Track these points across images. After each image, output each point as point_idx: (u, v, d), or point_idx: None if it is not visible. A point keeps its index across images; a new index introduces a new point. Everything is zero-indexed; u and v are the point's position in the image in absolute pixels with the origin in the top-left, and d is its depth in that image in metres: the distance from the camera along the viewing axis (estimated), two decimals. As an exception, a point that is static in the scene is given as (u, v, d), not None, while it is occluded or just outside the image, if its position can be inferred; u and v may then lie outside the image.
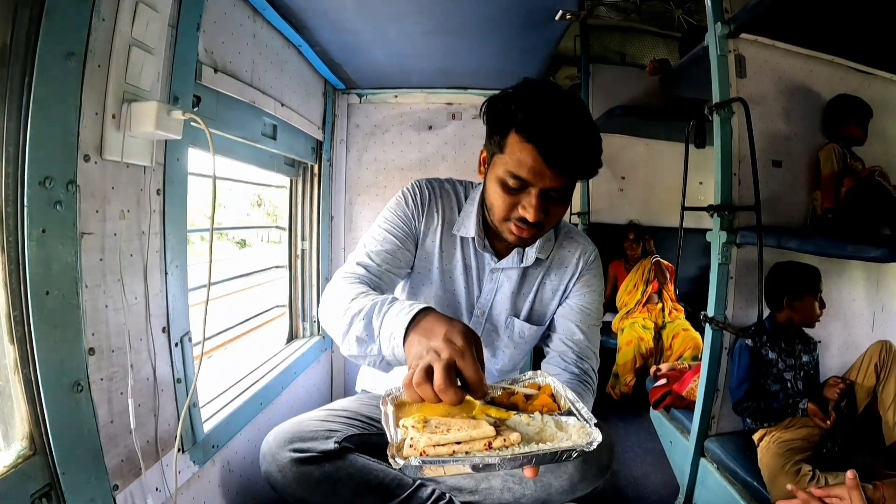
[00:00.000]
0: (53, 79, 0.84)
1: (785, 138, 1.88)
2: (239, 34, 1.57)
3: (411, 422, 0.81)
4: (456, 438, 0.76)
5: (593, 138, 1.03)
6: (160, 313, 1.15)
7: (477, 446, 0.76)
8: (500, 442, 0.77)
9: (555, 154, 0.98)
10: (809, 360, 1.84)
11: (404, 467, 0.73)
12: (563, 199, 1.07)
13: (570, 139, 0.98)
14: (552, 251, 1.29)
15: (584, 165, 1.03)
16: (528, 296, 1.29)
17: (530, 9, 1.78)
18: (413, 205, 1.25)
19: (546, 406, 0.90)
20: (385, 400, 0.88)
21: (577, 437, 0.79)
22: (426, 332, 0.82)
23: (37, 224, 0.82)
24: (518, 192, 1.04)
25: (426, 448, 0.75)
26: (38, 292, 0.83)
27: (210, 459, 1.38)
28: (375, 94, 2.72)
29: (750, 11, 1.67)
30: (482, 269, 1.27)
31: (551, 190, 1.02)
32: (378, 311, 0.90)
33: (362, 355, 0.94)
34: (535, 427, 0.82)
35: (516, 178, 1.02)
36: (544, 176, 1.00)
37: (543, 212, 1.03)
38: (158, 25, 1.07)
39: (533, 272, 1.28)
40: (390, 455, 0.75)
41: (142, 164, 1.07)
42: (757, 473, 1.63)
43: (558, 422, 0.84)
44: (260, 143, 1.80)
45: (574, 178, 1.04)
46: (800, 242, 1.60)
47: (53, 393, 0.85)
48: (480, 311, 1.29)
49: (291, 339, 2.47)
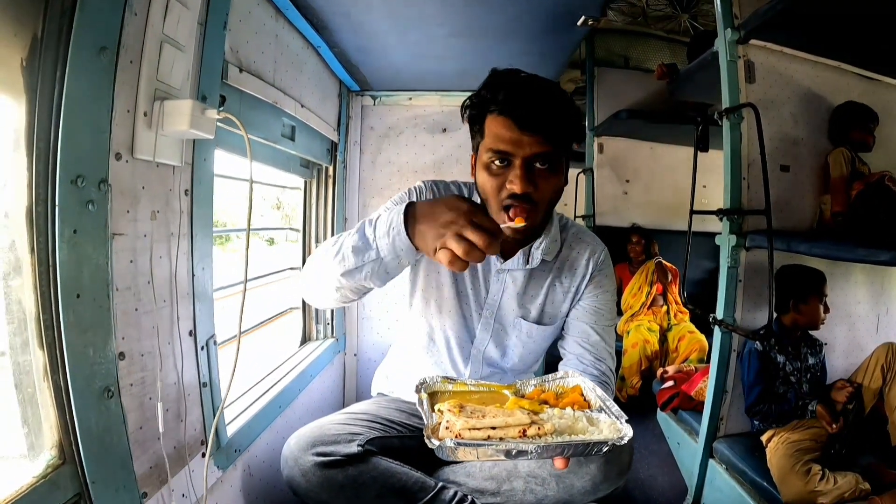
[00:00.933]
0: (86, 73, 0.81)
1: (792, 143, 1.91)
2: (262, 34, 1.55)
3: (447, 406, 0.84)
4: (491, 424, 0.79)
5: (565, 100, 1.07)
6: (187, 316, 1.12)
7: (511, 433, 0.79)
8: (534, 430, 0.80)
9: (527, 117, 1.01)
10: (816, 363, 1.87)
11: (439, 448, 0.76)
12: (551, 170, 1.07)
13: (540, 102, 1.02)
14: (560, 253, 1.29)
15: (560, 126, 1.04)
16: (538, 298, 1.29)
17: (554, 13, 1.77)
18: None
19: (577, 403, 0.94)
20: (419, 387, 0.95)
21: (609, 431, 0.83)
22: (429, 217, 0.87)
23: (68, 224, 0.79)
24: (503, 169, 1.06)
25: (462, 431, 0.78)
26: (69, 295, 0.80)
27: (232, 464, 1.35)
28: (390, 95, 2.70)
29: (760, 18, 1.69)
30: (487, 269, 1.28)
31: (535, 159, 1.04)
32: (368, 223, 0.96)
33: (359, 265, 0.94)
34: (568, 421, 0.85)
35: (497, 152, 1.04)
36: (522, 143, 1.02)
37: (530, 182, 1.04)
38: (189, 22, 1.05)
39: (541, 274, 1.28)
40: (426, 436, 0.79)
41: (171, 164, 1.04)
42: (766, 474, 1.67)
43: (590, 417, 0.88)
44: (280, 145, 1.78)
45: (554, 142, 1.04)
46: (809, 246, 1.62)
47: (84, 400, 0.82)
48: (489, 311, 1.30)
49: (305, 342, 2.45)
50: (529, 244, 1.25)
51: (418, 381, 0.97)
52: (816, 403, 1.72)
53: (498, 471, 1.21)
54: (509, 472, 1.21)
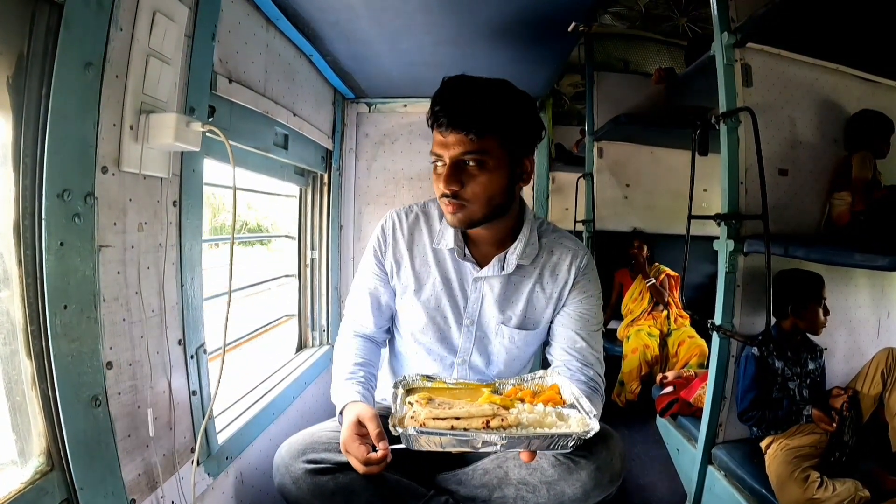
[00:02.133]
0: (71, 89, 0.83)
1: (791, 146, 1.88)
2: (252, 44, 1.57)
3: (416, 398, 0.88)
4: (455, 414, 0.82)
5: (496, 96, 1.09)
6: (176, 325, 1.14)
7: (475, 423, 0.81)
8: (497, 422, 0.82)
9: (446, 113, 1.05)
10: (815, 368, 1.84)
11: (402, 435, 0.79)
12: (482, 167, 1.09)
13: (459, 94, 1.06)
14: (538, 257, 1.28)
15: (487, 123, 1.06)
16: (519, 303, 1.28)
17: (543, 20, 1.78)
18: (381, 247, 1.33)
19: (552, 400, 0.96)
20: (397, 384, 0.98)
21: (576, 426, 0.84)
22: None
23: (55, 237, 0.81)
24: (442, 170, 1.11)
25: (426, 420, 0.81)
26: (56, 306, 0.82)
27: (224, 471, 1.36)
28: (385, 103, 2.72)
29: (756, 21, 1.67)
30: (464, 279, 1.28)
31: (463, 158, 1.08)
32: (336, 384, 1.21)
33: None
34: (537, 416, 0.87)
35: (433, 154, 1.12)
36: (447, 144, 1.07)
37: (456, 182, 1.09)
38: (175, 35, 1.07)
39: (521, 279, 1.28)
40: (391, 425, 0.81)
41: (159, 176, 1.06)
42: (764, 480, 1.64)
43: (560, 413, 0.89)
44: (272, 153, 1.80)
45: (482, 140, 1.06)
46: (807, 251, 1.60)
47: (71, 408, 0.84)
48: (469, 320, 1.29)
49: (301, 349, 2.46)
50: (505, 250, 1.25)
51: (397, 379, 1.01)
52: (811, 409, 1.71)
53: (489, 478, 1.21)
54: (500, 480, 1.20)
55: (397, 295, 1.33)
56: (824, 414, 1.69)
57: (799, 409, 1.73)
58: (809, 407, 1.72)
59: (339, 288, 2.64)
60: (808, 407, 1.72)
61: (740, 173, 1.76)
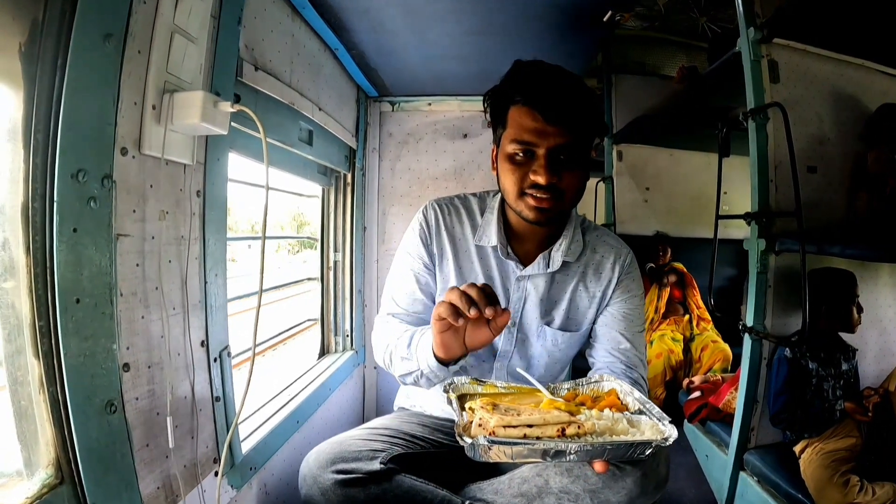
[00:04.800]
0: (89, 61, 0.75)
1: (819, 143, 1.86)
2: (278, 32, 1.50)
3: (479, 404, 0.79)
4: (528, 422, 0.74)
5: (589, 94, 1.07)
6: (199, 325, 1.05)
7: (549, 431, 0.74)
8: (573, 429, 0.75)
9: (551, 108, 1.00)
10: (849, 368, 1.82)
11: (471, 446, 0.71)
12: (576, 164, 1.06)
13: (564, 93, 1.02)
14: (582, 255, 1.24)
15: (584, 118, 1.04)
16: (562, 303, 1.23)
17: (580, 8, 1.70)
18: (424, 234, 1.25)
19: (614, 406, 0.89)
20: (447, 388, 0.92)
21: (651, 433, 0.78)
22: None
23: (67, 222, 0.73)
24: (527, 160, 1.05)
25: (496, 428, 0.73)
26: (68, 300, 0.74)
27: (248, 483, 1.27)
28: (409, 101, 2.66)
29: (782, 15, 1.66)
30: (507, 277, 1.22)
31: (559, 150, 1.03)
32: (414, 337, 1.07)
33: (408, 372, 1.06)
34: (607, 422, 0.80)
35: (521, 143, 1.04)
36: (547, 134, 1.01)
37: (555, 174, 1.03)
38: (201, 13, 0.99)
39: (564, 278, 1.23)
40: (458, 434, 0.74)
41: (182, 162, 0.98)
42: (800, 486, 1.62)
43: (630, 419, 0.82)
44: (296, 149, 1.72)
45: (577, 135, 1.03)
46: (842, 248, 1.58)
47: (83, 414, 0.76)
48: (511, 321, 1.22)
49: (324, 354, 2.38)
50: (549, 247, 1.20)
51: (446, 383, 0.94)
52: (843, 402, 1.69)
53: (528, 487, 1.14)
54: (540, 489, 1.13)
55: (437, 291, 1.26)
56: (858, 407, 1.67)
57: (832, 407, 1.71)
58: (842, 402, 1.70)
59: (362, 291, 2.55)
60: (839, 402, 1.70)
61: (770, 170, 1.73)
